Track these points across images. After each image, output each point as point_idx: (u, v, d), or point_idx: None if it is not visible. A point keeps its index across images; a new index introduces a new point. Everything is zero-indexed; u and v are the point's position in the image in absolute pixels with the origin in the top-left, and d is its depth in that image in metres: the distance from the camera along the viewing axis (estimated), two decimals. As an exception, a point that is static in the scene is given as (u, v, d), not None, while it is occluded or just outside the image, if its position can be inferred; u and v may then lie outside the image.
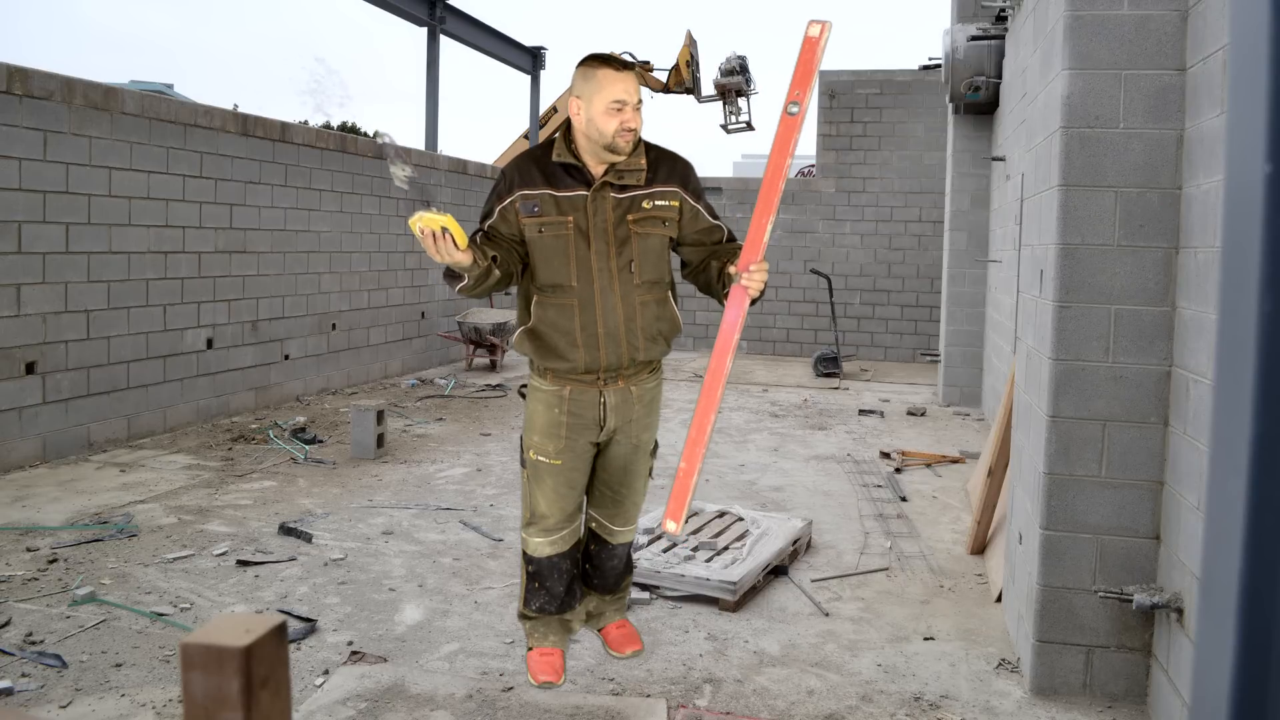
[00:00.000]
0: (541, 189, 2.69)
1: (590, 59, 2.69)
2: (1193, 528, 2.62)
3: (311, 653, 3.31)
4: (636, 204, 2.71)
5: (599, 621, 3.10)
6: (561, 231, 2.67)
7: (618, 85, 2.62)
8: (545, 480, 2.82)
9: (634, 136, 2.66)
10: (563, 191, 2.68)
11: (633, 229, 2.69)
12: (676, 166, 2.78)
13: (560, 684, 2.92)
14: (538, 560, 2.91)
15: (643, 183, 2.72)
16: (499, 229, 2.72)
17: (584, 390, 2.74)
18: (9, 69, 5.54)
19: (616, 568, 3.04)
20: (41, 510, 4.86)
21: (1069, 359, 2.96)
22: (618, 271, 2.68)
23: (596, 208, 2.67)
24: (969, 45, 7.57)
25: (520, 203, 2.68)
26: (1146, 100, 2.87)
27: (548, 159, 2.72)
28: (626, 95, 2.62)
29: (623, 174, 2.69)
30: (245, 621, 0.74)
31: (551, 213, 2.68)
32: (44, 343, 5.83)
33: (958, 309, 8.66)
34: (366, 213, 9.25)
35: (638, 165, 2.71)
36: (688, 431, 2.54)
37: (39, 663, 3.14)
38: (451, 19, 12.13)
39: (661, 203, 2.73)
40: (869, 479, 5.96)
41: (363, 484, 5.57)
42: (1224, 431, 0.65)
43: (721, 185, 12.92)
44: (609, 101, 2.60)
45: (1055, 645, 3.04)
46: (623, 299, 2.69)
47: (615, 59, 2.67)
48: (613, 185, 2.68)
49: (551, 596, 2.95)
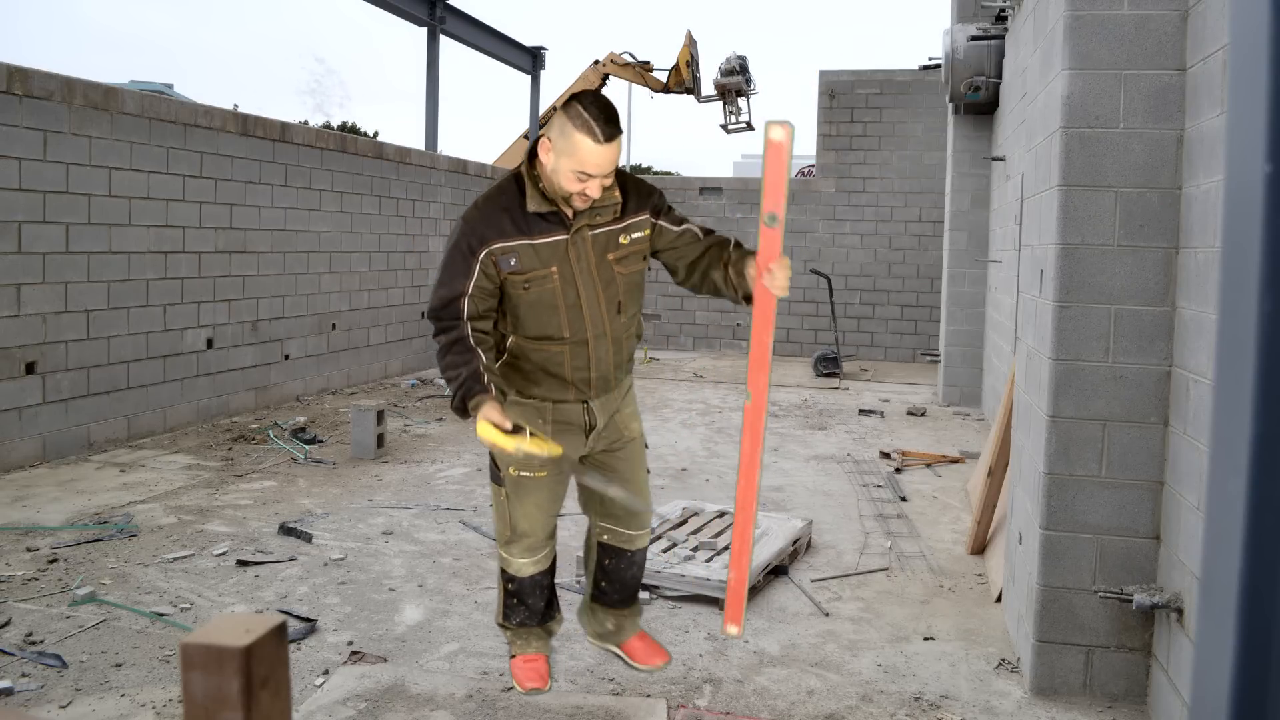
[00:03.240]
0: (516, 240, 2.51)
1: (576, 109, 2.42)
2: (1193, 528, 2.62)
3: (311, 653, 3.31)
4: (614, 241, 2.59)
5: (619, 637, 3.04)
6: (548, 285, 2.53)
7: (592, 158, 2.40)
8: (528, 496, 2.75)
9: (589, 202, 2.49)
10: (540, 238, 2.52)
11: (616, 269, 2.59)
12: (645, 196, 2.66)
13: (548, 689, 2.90)
14: (519, 579, 2.87)
15: (618, 214, 2.59)
16: (482, 289, 2.52)
17: (568, 405, 2.71)
18: (9, 69, 5.54)
19: (636, 577, 2.98)
20: (41, 510, 4.86)
21: (1069, 359, 2.96)
22: (608, 314, 2.60)
23: (578, 252, 2.54)
24: (969, 45, 7.57)
25: (498, 258, 2.51)
26: (1146, 100, 2.86)
27: (518, 207, 2.52)
28: (597, 169, 2.42)
29: (597, 211, 2.55)
30: (245, 621, 0.74)
31: (534, 265, 2.52)
32: (44, 343, 5.83)
33: (958, 309, 8.66)
34: (366, 213, 9.25)
35: (613, 200, 2.57)
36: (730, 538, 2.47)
37: (39, 663, 3.14)
38: (451, 19, 12.14)
39: (637, 234, 2.62)
40: (869, 479, 5.96)
41: (363, 484, 5.57)
42: (1224, 431, 0.65)
43: (721, 185, 12.92)
44: (576, 170, 2.42)
45: (1055, 645, 3.04)
46: (612, 339, 2.64)
47: (602, 125, 2.40)
48: (589, 225, 2.55)
49: (532, 612, 2.94)
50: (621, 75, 13.90)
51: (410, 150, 10.08)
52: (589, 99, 2.44)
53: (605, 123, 2.40)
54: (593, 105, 2.42)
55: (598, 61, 14.07)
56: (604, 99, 2.45)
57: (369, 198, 9.28)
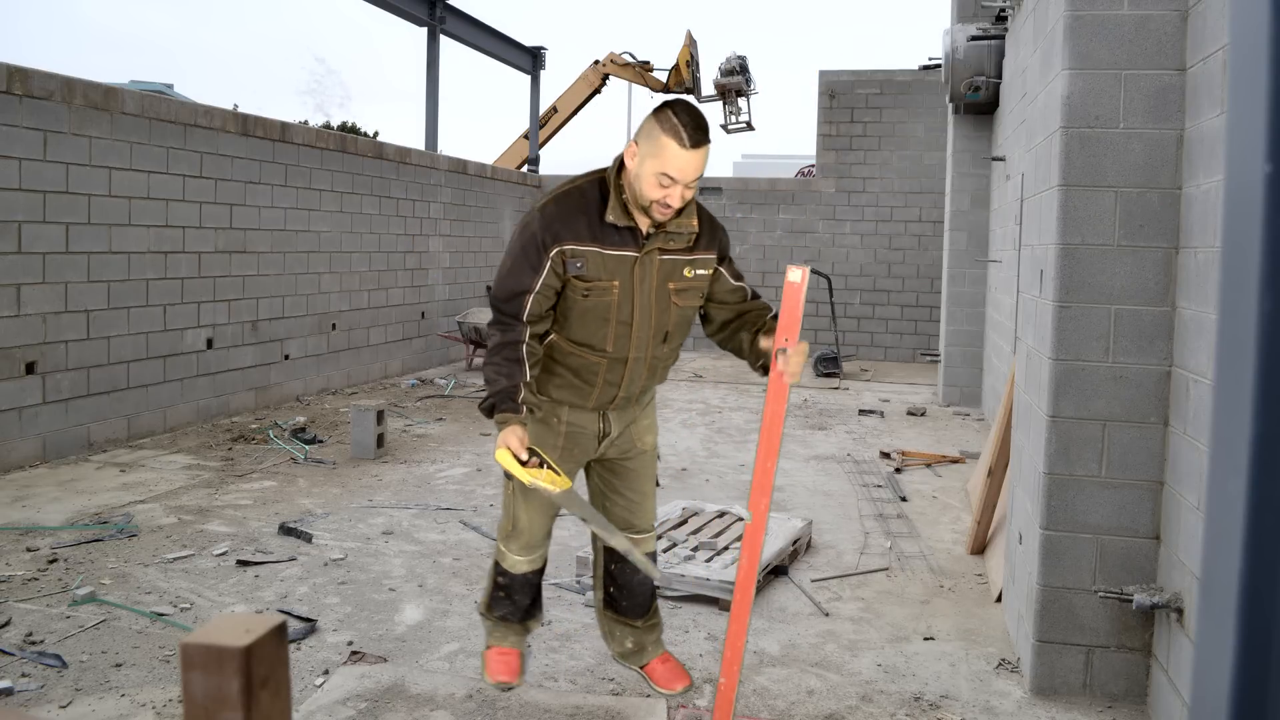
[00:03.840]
0: (588, 245, 2.46)
1: (666, 114, 2.39)
2: (1193, 528, 2.62)
3: (311, 653, 3.31)
4: (679, 271, 2.54)
5: (641, 657, 3.01)
6: (606, 297, 2.49)
7: (676, 161, 2.35)
8: (535, 495, 2.73)
9: (670, 213, 2.44)
10: (610, 250, 2.47)
11: (674, 299, 2.57)
12: (716, 233, 2.63)
13: (517, 684, 2.91)
14: (511, 575, 2.88)
15: (690, 245, 2.54)
16: (549, 286, 2.48)
17: (585, 412, 2.70)
18: (9, 69, 5.54)
19: (644, 583, 2.97)
20: (41, 510, 4.86)
21: (1069, 359, 2.96)
22: (652, 340, 2.59)
23: (644, 272, 2.49)
24: (969, 45, 7.57)
25: (568, 258, 2.46)
26: (1146, 100, 2.86)
27: (596, 213, 2.47)
28: (680, 174, 2.36)
29: (671, 236, 2.50)
30: (245, 621, 0.74)
31: (599, 275, 2.48)
32: (44, 343, 5.83)
33: (958, 309, 8.66)
34: (366, 213, 9.25)
35: (689, 227, 2.52)
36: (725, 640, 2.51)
37: (39, 663, 3.14)
38: (451, 19, 12.14)
39: (701, 271, 2.58)
40: (869, 479, 5.96)
41: (363, 484, 5.57)
42: (1224, 431, 0.65)
43: (721, 185, 12.92)
44: (659, 172, 2.37)
45: (1055, 645, 3.04)
46: (649, 364, 2.63)
47: (690, 130, 2.36)
48: (660, 248, 2.51)
49: (516, 608, 2.95)
50: (621, 75, 13.90)
51: (410, 150, 10.08)
52: (681, 106, 2.41)
53: (694, 129, 2.37)
54: (684, 111, 2.39)
55: (598, 61, 14.08)
56: (695, 109, 2.42)
57: (369, 198, 9.28)
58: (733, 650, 2.49)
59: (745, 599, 2.46)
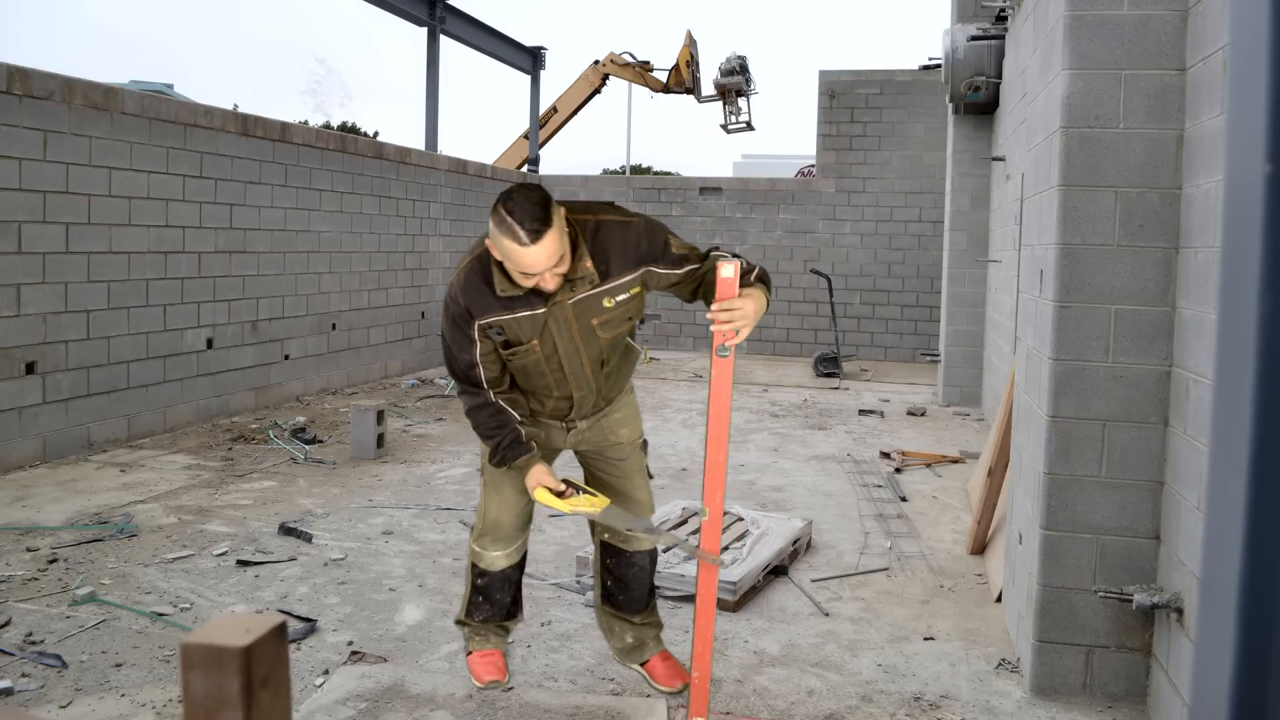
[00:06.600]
0: (498, 315, 2.50)
1: (500, 213, 2.29)
2: (1193, 528, 2.62)
3: (311, 653, 3.31)
4: (597, 305, 2.50)
5: (640, 654, 3.03)
6: (531, 356, 2.56)
7: (524, 259, 2.29)
8: (504, 485, 2.82)
9: (554, 287, 2.40)
10: (519, 313, 2.49)
11: (599, 333, 2.56)
12: (629, 244, 2.49)
13: (506, 681, 2.94)
14: (490, 574, 2.92)
15: (599, 280, 2.48)
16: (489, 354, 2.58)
17: (548, 420, 2.83)
18: (9, 69, 5.54)
19: (639, 577, 2.98)
20: (41, 510, 4.86)
21: (1069, 359, 2.96)
22: (590, 373, 2.64)
23: (559, 323, 2.51)
24: (969, 45, 7.57)
25: (487, 331, 2.53)
26: (1146, 100, 2.86)
27: (490, 289, 2.47)
28: (534, 268, 2.31)
29: (574, 282, 2.45)
30: (245, 621, 0.74)
31: (517, 338, 2.53)
32: (44, 343, 5.83)
33: (958, 309, 8.66)
34: (366, 213, 9.25)
35: (585, 271, 2.45)
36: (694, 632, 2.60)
37: (39, 663, 3.14)
38: (451, 19, 12.14)
39: (622, 296, 2.52)
40: (869, 479, 5.96)
41: (363, 484, 5.57)
42: (1224, 431, 0.65)
43: (721, 185, 12.92)
44: (517, 270, 2.35)
45: (1055, 645, 3.04)
46: (597, 386, 2.71)
47: (525, 227, 2.26)
48: (567, 296, 2.48)
49: (497, 608, 2.98)
50: (621, 75, 13.90)
51: (410, 150, 10.08)
52: (516, 198, 2.30)
53: (530, 223, 2.26)
54: (517, 206, 2.28)
55: (598, 61, 14.08)
56: (528, 197, 2.30)
57: (369, 198, 9.28)
58: (702, 643, 2.57)
59: (709, 593, 2.60)
